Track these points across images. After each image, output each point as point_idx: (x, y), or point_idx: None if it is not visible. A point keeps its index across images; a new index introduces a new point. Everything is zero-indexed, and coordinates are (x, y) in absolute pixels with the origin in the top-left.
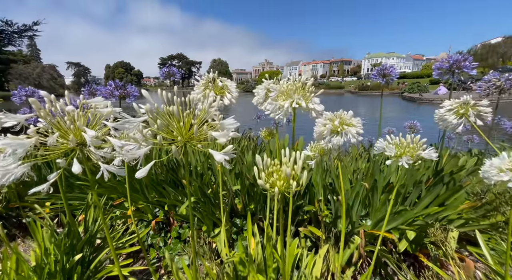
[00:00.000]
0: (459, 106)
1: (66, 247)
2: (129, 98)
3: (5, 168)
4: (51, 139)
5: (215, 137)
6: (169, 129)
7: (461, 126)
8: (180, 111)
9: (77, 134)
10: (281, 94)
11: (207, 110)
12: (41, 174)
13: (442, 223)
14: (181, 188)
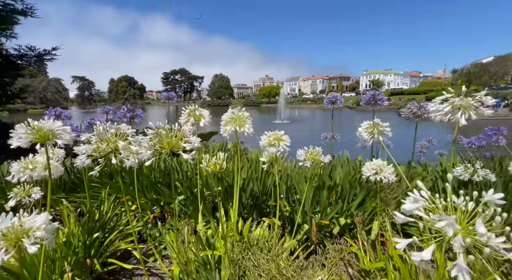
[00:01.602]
0: (370, 126)
1: (87, 228)
2: (136, 118)
3: (82, 160)
4: (104, 145)
5: (185, 147)
6: (161, 142)
7: (371, 141)
8: (168, 131)
9: (114, 143)
10: (227, 122)
11: (184, 132)
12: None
13: (366, 213)
14: (174, 189)
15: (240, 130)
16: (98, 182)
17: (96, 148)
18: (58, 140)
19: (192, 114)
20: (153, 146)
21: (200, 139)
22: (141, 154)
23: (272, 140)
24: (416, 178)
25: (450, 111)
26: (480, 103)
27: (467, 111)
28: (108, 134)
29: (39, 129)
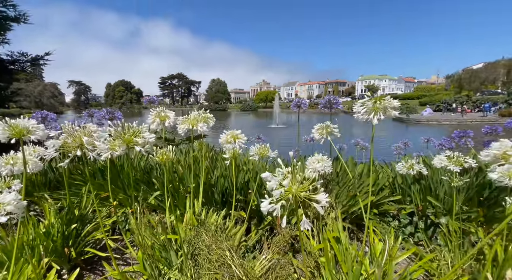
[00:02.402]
0: (321, 127)
1: (66, 220)
2: (115, 119)
3: (51, 153)
4: (70, 140)
5: (137, 141)
6: (120, 138)
7: (322, 140)
8: (127, 129)
9: (79, 139)
10: (184, 122)
11: (139, 130)
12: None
13: None
14: (152, 186)
15: (194, 128)
16: (81, 180)
17: (64, 143)
18: (32, 136)
19: (158, 115)
20: (112, 142)
21: (154, 135)
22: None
23: (229, 138)
24: (372, 175)
25: (366, 112)
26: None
27: (379, 113)
28: (76, 132)
29: (16, 126)
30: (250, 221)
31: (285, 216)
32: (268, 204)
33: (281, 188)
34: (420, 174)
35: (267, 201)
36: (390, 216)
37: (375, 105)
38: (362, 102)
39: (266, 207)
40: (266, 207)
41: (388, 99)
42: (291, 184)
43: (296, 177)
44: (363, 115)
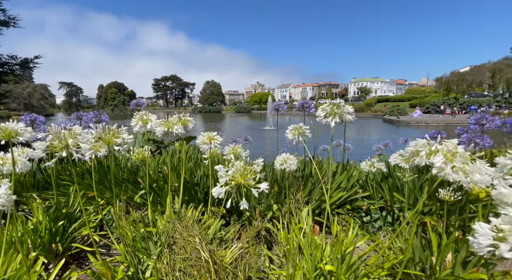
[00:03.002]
0: (293, 128)
1: (53, 217)
2: (102, 122)
3: (38, 154)
4: (56, 142)
5: (117, 142)
6: (101, 139)
7: (295, 141)
8: (107, 131)
9: (65, 141)
10: (160, 124)
11: (118, 132)
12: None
13: None
14: (138, 185)
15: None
16: (69, 181)
17: (50, 144)
18: (21, 137)
19: (141, 118)
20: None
21: (132, 136)
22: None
23: (205, 139)
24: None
25: (325, 116)
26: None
27: (335, 116)
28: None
29: (5, 129)
30: (230, 217)
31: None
32: (218, 188)
33: (227, 177)
34: (389, 172)
35: (217, 187)
36: (363, 211)
37: (333, 110)
38: (322, 107)
39: (216, 191)
40: (216, 191)
41: (344, 106)
42: (236, 174)
43: (241, 170)
44: (323, 118)
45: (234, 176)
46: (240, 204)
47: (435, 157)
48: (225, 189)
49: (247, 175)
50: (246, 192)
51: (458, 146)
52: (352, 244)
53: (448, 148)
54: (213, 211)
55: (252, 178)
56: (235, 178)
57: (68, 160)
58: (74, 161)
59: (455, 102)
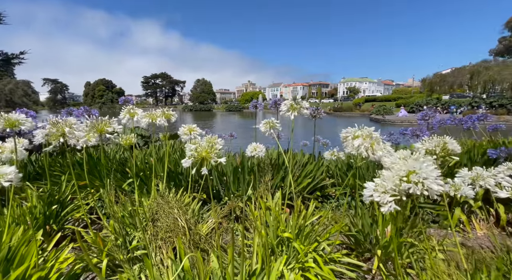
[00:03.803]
0: (266, 122)
1: (47, 202)
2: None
3: (38, 139)
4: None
5: (108, 131)
6: (94, 128)
7: (267, 133)
8: (100, 122)
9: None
10: (145, 116)
11: (109, 122)
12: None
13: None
14: (126, 175)
15: (154, 122)
16: (60, 171)
17: (49, 132)
18: (22, 126)
19: (128, 111)
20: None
21: (121, 126)
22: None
23: (186, 130)
24: (314, 163)
25: (287, 110)
26: (301, 107)
27: (295, 111)
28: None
29: (8, 118)
30: (210, 201)
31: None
32: (186, 160)
33: (193, 152)
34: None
35: (185, 159)
36: (332, 198)
37: (293, 106)
38: (285, 103)
39: (186, 163)
40: (186, 163)
41: (302, 103)
42: (200, 150)
43: (206, 147)
44: (285, 113)
45: (199, 151)
46: (202, 170)
47: (356, 140)
48: (191, 161)
49: (210, 151)
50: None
51: (374, 132)
52: (310, 217)
53: (366, 133)
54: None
55: (215, 155)
56: (200, 153)
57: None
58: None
59: (437, 102)
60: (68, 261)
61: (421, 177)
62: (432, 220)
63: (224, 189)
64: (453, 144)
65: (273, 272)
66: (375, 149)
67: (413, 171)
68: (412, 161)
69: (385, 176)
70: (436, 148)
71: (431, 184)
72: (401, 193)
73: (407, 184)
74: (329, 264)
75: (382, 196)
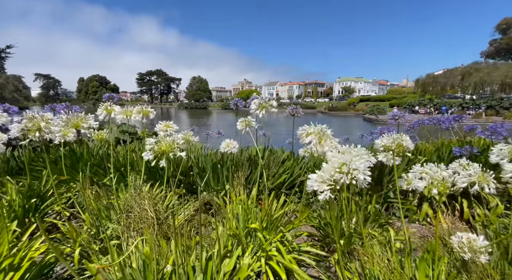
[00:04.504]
0: (243, 121)
1: (26, 196)
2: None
3: (14, 134)
4: (31, 125)
5: (84, 126)
6: (68, 124)
7: (243, 131)
8: (76, 117)
9: (38, 124)
10: (120, 113)
11: (85, 118)
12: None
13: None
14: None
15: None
16: (42, 166)
17: (25, 126)
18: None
19: (106, 108)
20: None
21: (97, 122)
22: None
23: (163, 127)
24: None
25: (256, 108)
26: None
27: (264, 109)
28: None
29: None
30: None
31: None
32: (147, 153)
33: (152, 146)
34: None
35: (146, 152)
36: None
37: (262, 105)
38: (255, 102)
39: (146, 156)
40: (146, 156)
41: (270, 102)
42: (161, 145)
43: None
44: (255, 111)
45: (159, 146)
46: (160, 163)
47: (308, 136)
48: (151, 153)
49: (172, 145)
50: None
51: (327, 130)
52: (279, 210)
53: (319, 131)
54: (176, 192)
55: (178, 149)
56: (161, 147)
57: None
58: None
59: (429, 103)
60: (39, 251)
61: (350, 168)
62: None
63: (204, 184)
64: (407, 141)
65: (233, 258)
66: (322, 144)
67: (345, 163)
68: (346, 154)
69: (324, 168)
70: (392, 144)
71: (359, 174)
72: (335, 183)
73: (339, 174)
74: (292, 253)
75: (320, 185)
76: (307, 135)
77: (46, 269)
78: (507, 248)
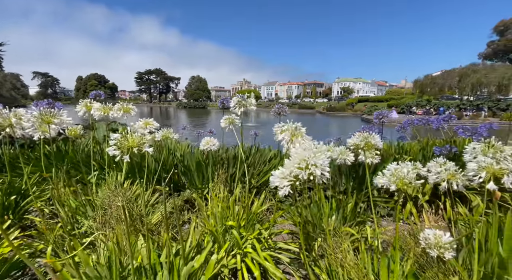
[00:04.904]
0: (226, 119)
1: (6, 192)
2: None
3: None
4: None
5: (55, 123)
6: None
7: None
8: (48, 113)
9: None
10: (98, 109)
11: (57, 114)
12: None
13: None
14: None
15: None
16: (26, 163)
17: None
18: None
19: (85, 105)
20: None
21: (71, 118)
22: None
23: (142, 124)
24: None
25: (234, 107)
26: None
27: (243, 107)
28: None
29: None
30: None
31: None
32: (111, 148)
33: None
34: None
35: (110, 147)
36: (297, 192)
37: (241, 103)
38: (233, 100)
39: (111, 151)
40: (111, 151)
41: (249, 101)
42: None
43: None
44: (234, 109)
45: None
46: (123, 158)
47: (281, 134)
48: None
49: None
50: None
51: (302, 128)
52: (259, 208)
53: (293, 128)
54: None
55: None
56: (128, 143)
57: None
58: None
59: (427, 104)
60: (9, 248)
61: (309, 164)
62: (387, 213)
63: (188, 182)
64: (375, 139)
65: (203, 254)
66: (294, 141)
67: (304, 159)
68: (306, 151)
69: (286, 164)
70: (361, 143)
71: (316, 170)
72: (295, 178)
73: (298, 170)
74: (269, 250)
75: (281, 181)
76: (281, 132)
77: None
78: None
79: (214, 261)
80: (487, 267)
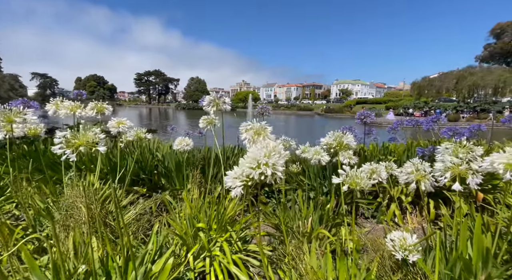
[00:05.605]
0: (205, 119)
1: None
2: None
3: None
4: None
5: (17, 121)
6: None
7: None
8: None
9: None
10: (64, 108)
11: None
12: None
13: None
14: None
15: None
16: (1, 164)
17: None
18: None
19: (55, 103)
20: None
21: (36, 117)
22: None
23: (115, 124)
24: None
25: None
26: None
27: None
28: None
29: None
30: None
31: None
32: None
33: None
34: None
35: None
36: (281, 192)
37: (215, 101)
38: (207, 98)
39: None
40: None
41: (223, 100)
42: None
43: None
44: (207, 108)
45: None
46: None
47: (247, 133)
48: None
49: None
50: None
51: (267, 127)
52: (232, 210)
53: (257, 127)
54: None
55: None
56: (76, 141)
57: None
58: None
59: (425, 106)
60: None
61: (261, 163)
62: (371, 215)
63: (167, 183)
64: (348, 139)
65: (163, 258)
66: (256, 141)
67: (255, 158)
68: (259, 150)
69: (240, 164)
70: (333, 142)
71: (267, 169)
72: (248, 178)
73: (249, 170)
74: (240, 253)
75: (234, 181)
76: (246, 131)
77: None
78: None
79: (171, 265)
80: (454, 271)
